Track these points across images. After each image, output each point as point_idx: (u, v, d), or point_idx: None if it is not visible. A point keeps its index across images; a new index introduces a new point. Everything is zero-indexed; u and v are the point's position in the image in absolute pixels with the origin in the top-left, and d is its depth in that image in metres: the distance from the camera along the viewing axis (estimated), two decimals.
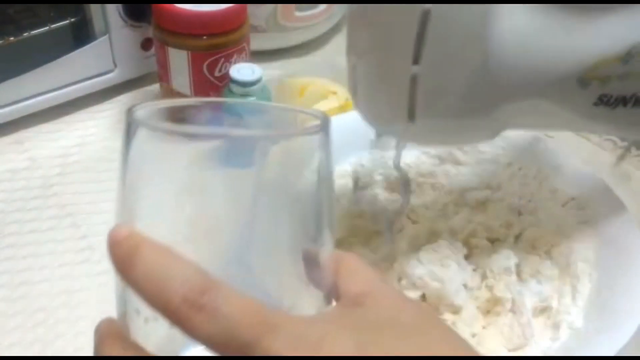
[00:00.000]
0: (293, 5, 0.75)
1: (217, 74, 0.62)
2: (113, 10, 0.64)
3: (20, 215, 0.57)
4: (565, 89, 0.37)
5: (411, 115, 0.38)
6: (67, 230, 0.55)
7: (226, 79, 0.60)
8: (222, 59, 0.61)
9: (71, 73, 0.65)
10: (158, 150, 0.27)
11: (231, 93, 0.59)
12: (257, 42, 0.70)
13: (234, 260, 0.27)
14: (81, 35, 0.65)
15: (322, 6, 0.78)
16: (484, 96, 0.38)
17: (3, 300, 0.49)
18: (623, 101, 0.37)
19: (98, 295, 0.50)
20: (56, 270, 0.51)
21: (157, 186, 0.27)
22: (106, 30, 0.65)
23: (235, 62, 0.62)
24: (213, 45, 0.60)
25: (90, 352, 0.27)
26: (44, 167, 0.62)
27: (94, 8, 0.64)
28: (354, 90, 0.43)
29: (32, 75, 0.63)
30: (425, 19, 0.35)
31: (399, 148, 0.45)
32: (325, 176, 0.28)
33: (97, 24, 0.65)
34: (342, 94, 0.66)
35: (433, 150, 0.55)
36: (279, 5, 0.74)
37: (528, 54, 0.36)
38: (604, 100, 0.38)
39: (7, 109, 0.63)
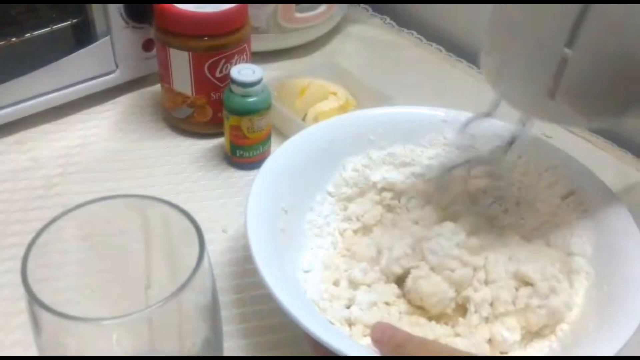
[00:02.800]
0: (293, 7, 0.75)
1: (218, 74, 0.62)
2: (114, 11, 0.65)
3: (22, 215, 0.57)
4: None
5: (551, 94, 0.42)
6: None
7: (227, 79, 0.60)
8: (223, 60, 0.62)
9: (73, 74, 0.66)
10: None
11: (232, 94, 0.59)
12: (258, 43, 0.70)
13: None
14: (83, 36, 0.65)
15: (323, 7, 0.78)
16: (626, 89, 0.41)
17: (6, 300, 0.50)
18: None
19: (102, 292, 0.50)
20: None
21: None
22: (108, 31, 0.66)
23: (236, 63, 0.62)
24: (214, 46, 0.61)
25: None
26: (46, 167, 0.62)
27: (96, 9, 0.64)
28: (495, 81, 0.46)
29: (34, 76, 0.63)
30: (586, 7, 0.38)
31: (525, 125, 0.48)
32: None
33: (99, 25, 0.65)
34: (342, 94, 0.67)
35: None
36: (280, 7, 0.74)
37: None
38: None
39: (9, 110, 0.63)
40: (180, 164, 0.64)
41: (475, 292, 0.46)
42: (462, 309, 0.47)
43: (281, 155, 0.52)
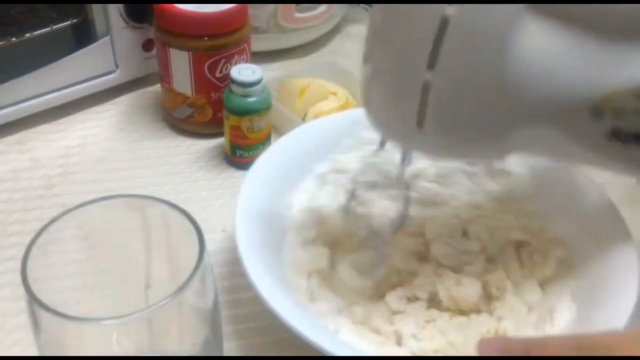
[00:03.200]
0: (293, 7, 0.75)
1: (218, 74, 0.62)
2: (114, 11, 0.65)
3: (22, 215, 0.57)
4: (577, 118, 0.36)
5: (420, 123, 0.37)
6: None
7: (227, 79, 0.60)
8: (223, 60, 0.62)
9: (73, 74, 0.66)
10: None
11: (232, 94, 0.59)
12: (258, 43, 0.70)
13: None
14: (83, 36, 0.65)
15: (322, 7, 0.78)
16: (495, 113, 0.36)
17: (6, 300, 0.50)
18: (636, 139, 0.36)
19: (101, 292, 0.50)
20: None
21: None
22: (108, 31, 0.66)
23: (236, 63, 0.62)
24: (214, 46, 0.61)
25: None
26: (46, 167, 0.62)
27: (96, 9, 0.64)
28: (367, 97, 0.41)
29: (34, 75, 0.63)
30: (444, 24, 0.34)
31: (404, 159, 0.45)
32: None
33: (99, 24, 0.65)
34: (342, 94, 0.67)
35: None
36: (280, 7, 0.74)
37: (545, 74, 0.35)
38: (616, 135, 0.36)
39: (9, 110, 0.63)
40: (180, 164, 0.64)
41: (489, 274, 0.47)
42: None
43: (269, 156, 0.52)
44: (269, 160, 0.52)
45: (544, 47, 0.35)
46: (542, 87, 0.35)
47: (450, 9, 0.34)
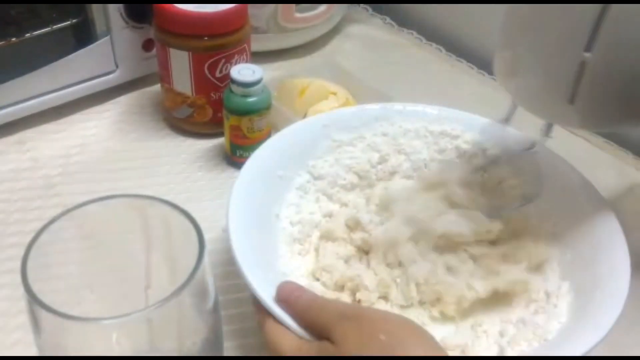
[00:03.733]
0: (293, 7, 0.75)
1: (218, 74, 0.62)
2: (114, 11, 0.65)
3: (22, 214, 0.57)
4: None
5: (571, 99, 0.41)
6: None
7: (227, 79, 0.60)
8: (223, 60, 0.62)
9: (73, 74, 0.66)
10: None
11: (232, 94, 0.59)
12: (258, 43, 0.70)
13: None
14: (83, 36, 0.65)
15: (322, 7, 0.78)
16: None
17: (6, 300, 0.50)
18: None
19: (101, 292, 0.50)
20: None
21: None
22: (108, 31, 0.66)
23: (236, 63, 0.62)
24: (214, 46, 0.61)
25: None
26: (46, 167, 0.62)
27: (96, 9, 0.64)
28: (510, 77, 0.45)
29: (34, 75, 0.63)
30: (605, 9, 0.37)
31: (548, 130, 0.47)
32: None
33: (99, 25, 0.65)
34: (342, 94, 0.67)
35: None
36: (280, 7, 0.74)
37: None
38: None
39: (9, 110, 0.63)
40: (180, 164, 0.64)
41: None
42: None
43: (262, 154, 0.52)
44: (250, 173, 0.51)
45: None
46: None
47: None
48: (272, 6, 0.74)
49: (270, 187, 0.51)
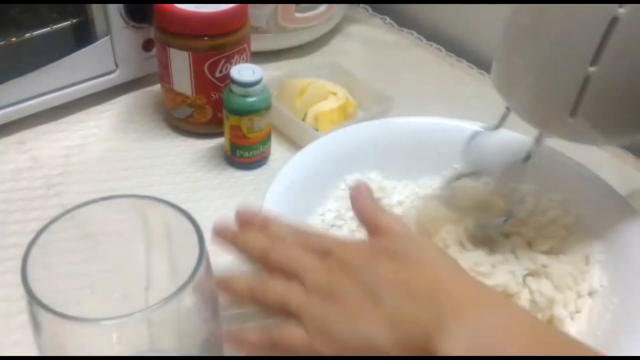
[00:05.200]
0: (293, 7, 0.75)
1: (218, 74, 0.62)
2: (114, 11, 0.65)
3: (22, 214, 0.57)
4: None
5: (573, 112, 0.41)
6: None
7: (227, 79, 0.60)
8: (223, 60, 0.62)
9: (73, 74, 0.66)
10: None
11: (232, 94, 0.59)
12: (258, 43, 0.70)
13: None
14: (83, 36, 0.65)
15: (322, 7, 0.78)
16: None
17: (6, 300, 0.50)
18: None
19: (101, 292, 0.50)
20: None
21: None
22: (108, 31, 0.66)
23: (236, 63, 0.62)
24: (214, 46, 0.61)
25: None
26: (46, 167, 0.62)
27: (96, 9, 0.64)
28: (508, 86, 0.45)
29: (34, 75, 0.63)
30: (613, 23, 0.37)
31: (540, 141, 0.47)
32: None
33: (99, 24, 0.65)
34: (342, 94, 0.67)
35: None
36: (280, 7, 0.74)
37: None
38: None
39: (9, 109, 0.63)
40: (180, 164, 0.64)
41: None
42: None
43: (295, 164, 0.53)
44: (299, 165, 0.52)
45: None
46: None
47: (621, 10, 0.36)
48: (272, 6, 0.74)
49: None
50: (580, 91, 0.40)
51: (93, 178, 0.61)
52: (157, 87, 0.68)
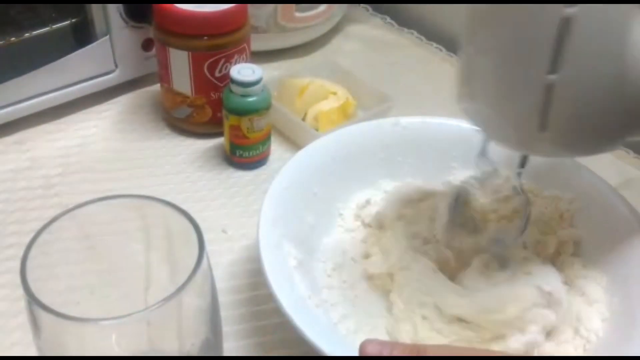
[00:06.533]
0: (293, 6, 0.75)
1: (217, 74, 0.62)
2: (114, 10, 0.65)
3: (21, 215, 0.57)
4: None
5: (542, 126, 0.37)
6: None
7: (227, 79, 0.60)
8: (223, 60, 0.62)
9: (72, 73, 0.66)
10: None
11: (231, 93, 0.59)
12: (258, 43, 0.70)
13: None
14: (82, 35, 0.65)
15: (322, 7, 0.78)
16: (615, 116, 0.37)
17: (5, 300, 0.50)
18: None
19: (101, 292, 0.50)
20: None
21: None
22: (107, 31, 0.66)
23: (235, 63, 0.62)
24: (214, 45, 0.61)
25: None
26: (45, 167, 0.62)
27: (95, 9, 0.64)
28: (472, 99, 0.41)
29: (33, 75, 0.63)
30: (566, 25, 0.33)
31: (523, 163, 0.44)
32: None
33: (98, 24, 0.65)
34: (342, 94, 0.67)
35: None
36: (280, 6, 0.74)
37: None
38: None
39: (8, 109, 0.63)
40: (180, 164, 0.63)
41: None
42: None
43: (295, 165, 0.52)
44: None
45: None
46: None
47: (571, 10, 0.33)
48: (272, 6, 0.74)
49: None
50: (544, 102, 0.36)
51: (92, 178, 0.61)
52: (157, 87, 0.68)
